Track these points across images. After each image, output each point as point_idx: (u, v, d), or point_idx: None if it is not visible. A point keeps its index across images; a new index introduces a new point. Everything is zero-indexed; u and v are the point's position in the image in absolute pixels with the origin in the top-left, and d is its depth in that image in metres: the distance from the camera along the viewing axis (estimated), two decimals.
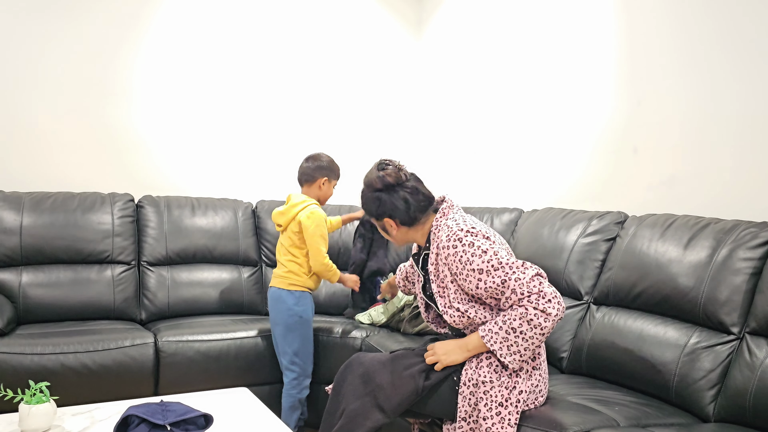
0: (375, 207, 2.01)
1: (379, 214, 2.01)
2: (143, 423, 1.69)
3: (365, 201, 2.04)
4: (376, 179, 2.00)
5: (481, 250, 1.82)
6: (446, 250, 1.88)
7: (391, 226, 2.01)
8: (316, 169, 2.78)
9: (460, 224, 1.89)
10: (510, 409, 1.79)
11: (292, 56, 3.88)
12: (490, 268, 1.79)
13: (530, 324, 1.73)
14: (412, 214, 1.98)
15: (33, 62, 3.26)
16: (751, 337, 1.88)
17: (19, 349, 2.46)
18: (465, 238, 1.85)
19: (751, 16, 2.27)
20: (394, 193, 1.99)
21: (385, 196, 1.99)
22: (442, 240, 1.90)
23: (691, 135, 2.49)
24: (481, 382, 1.81)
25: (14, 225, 2.95)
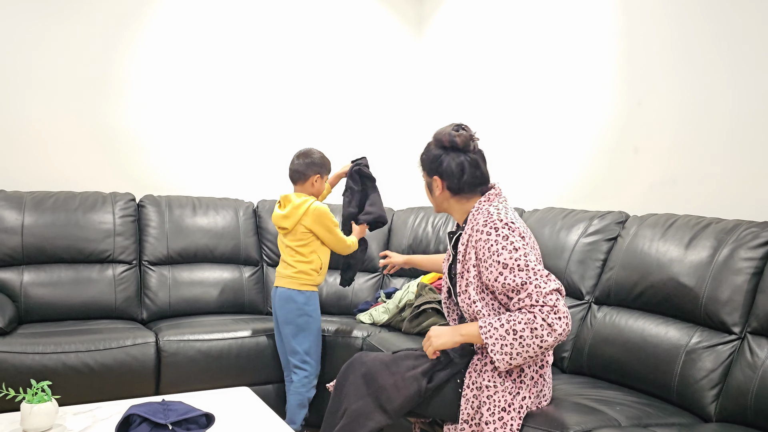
0: (431, 162, 1.99)
1: (432, 170, 1.99)
2: (145, 422, 1.69)
3: (425, 153, 2.02)
4: (445, 136, 1.97)
5: (513, 246, 1.80)
6: (479, 234, 1.85)
7: (437, 187, 1.99)
8: (308, 166, 2.73)
9: (501, 215, 1.87)
10: (513, 414, 1.78)
11: (293, 55, 3.88)
12: (515, 267, 1.77)
13: (533, 332, 1.71)
14: (461, 184, 1.95)
15: (34, 62, 3.26)
16: (752, 336, 1.88)
17: (21, 349, 2.46)
18: (501, 229, 1.83)
19: (752, 15, 2.27)
20: (456, 156, 1.96)
21: (445, 156, 1.96)
22: (479, 223, 1.87)
23: (692, 135, 2.49)
24: (484, 386, 1.80)
25: (16, 224, 2.96)
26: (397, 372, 1.88)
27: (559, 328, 1.70)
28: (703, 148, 2.45)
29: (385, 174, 4.17)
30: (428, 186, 2.04)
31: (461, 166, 1.95)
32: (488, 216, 1.87)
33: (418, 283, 3.02)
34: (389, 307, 3.04)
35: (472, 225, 1.90)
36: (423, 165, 2.04)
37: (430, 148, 2.01)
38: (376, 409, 1.85)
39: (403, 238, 3.48)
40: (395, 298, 3.06)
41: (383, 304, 3.10)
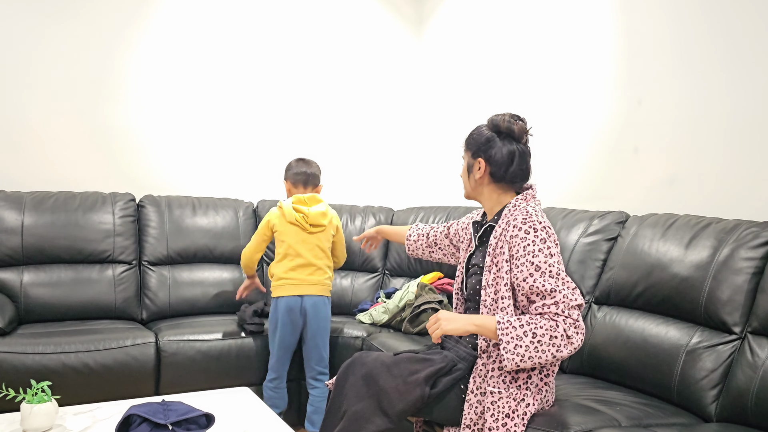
0: (482, 143, 1.94)
1: (479, 150, 1.94)
2: (145, 422, 1.69)
3: (476, 133, 1.97)
4: (503, 121, 1.94)
5: (549, 251, 1.79)
6: (516, 230, 1.83)
7: (479, 169, 1.94)
8: (319, 173, 2.89)
9: (539, 217, 1.86)
10: (516, 420, 1.77)
11: (293, 55, 3.88)
12: (547, 272, 1.76)
13: (551, 340, 1.70)
14: (506, 173, 1.93)
15: (35, 63, 3.26)
16: (752, 336, 1.88)
17: (21, 349, 2.46)
18: (540, 232, 1.81)
19: (751, 14, 2.27)
20: (508, 143, 1.93)
21: (498, 140, 1.93)
22: (517, 220, 1.85)
23: (692, 134, 2.49)
24: (489, 391, 1.79)
25: (16, 225, 2.96)
26: (399, 375, 1.85)
27: (576, 342, 1.72)
28: (703, 148, 2.45)
29: (385, 174, 4.17)
30: (468, 167, 1.99)
31: (512, 155, 1.93)
32: (527, 215, 1.85)
33: (418, 283, 3.02)
34: (389, 307, 3.04)
35: (507, 220, 1.88)
36: (469, 144, 1.99)
37: (483, 130, 1.97)
38: (377, 412, 1.83)
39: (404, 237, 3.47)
40: (395, 298, 3.06)
41: (383, 304, 3.10)
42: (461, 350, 1.97)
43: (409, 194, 4.21)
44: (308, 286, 2.71)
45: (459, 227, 2.24)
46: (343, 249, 2.93)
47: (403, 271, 3.45)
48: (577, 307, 1.74)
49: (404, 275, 3.44)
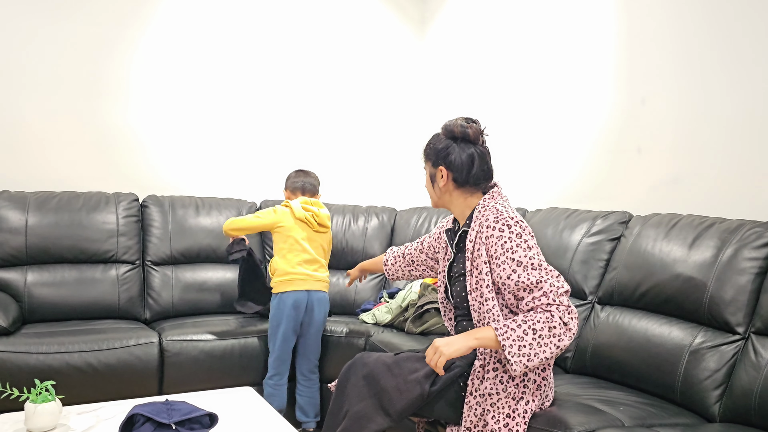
0: (439, 151, 1.96)
1: (438, 159, 1.96)
2: (148, 422, 1.69)
3: (433, 142, 1.99)
4: (456, 126, 1.95)
5: (526, 244, 1.80)
6: (491, 231, 1.84)
7: (442, 177, 1.95)
8: (318, 184, 2.98)
9: (510, 213, 1.87)
10: (517, 419, 1.77)
11: (295, 55, 3.88)
12: (529, 265, 1.76)
13: (551, 331, 1.69)
14: (468, 177, 1.94)
15: (38, 63, 3.27)
16: (756, 337, 1.88)
17: (25, 348, 2.47)
18: (514, 227, 1.82)
19: (754, 12, 2.27)
20: (465, 147, 1.94)
21: (455, 146, 1.94)
22: (489, 220, 1.86)
23: (695, 134, 2.49)
24: (488, 393, 1.80)
25: (19, 224, 2.96)
26: (400, 374, 1.85)
27: (574, 327, 1.71)
28: (706, 148, 2.45)
29: (387, 174, 4.17)
30: (431, 177, 2.01)
31: (471, 158, 1.94)
32: (498, 213, 1.86)
33: (421, 283, 3.02)
34: (392, 307, 3.04)
35: (479, 221, 1.89)
36: (428, 154, 2.00)
37: (439, 138, 1.98)
38: (378, 412, 1.83)
39: (406, 238, 3.47)
40: (398, 298, 3.06)
41: (386, 304, 3.10)
42: None
43: (412, 194, 4.21)
44: (315, 282, 2.78)
45: (432, 239, 2.26)
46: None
47: None
48: (565, 293, 1.75)
49: None
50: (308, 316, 2.76)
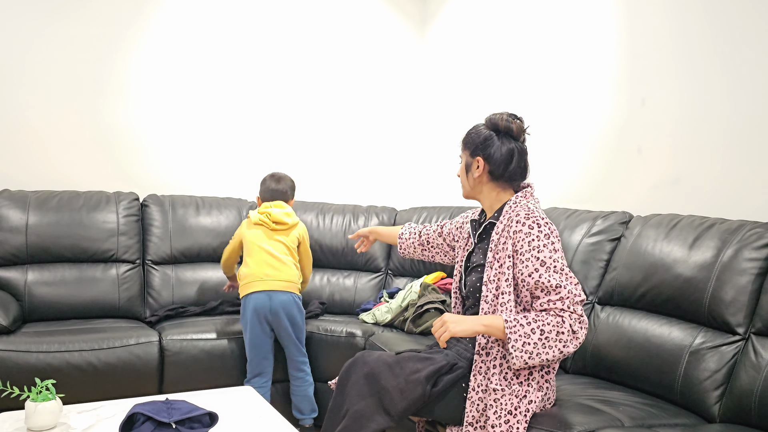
0: (480, 142, 1.94)
1: (477, 149, 1.94)
2: (148, 421, 1.69)
3: (474, 132, 1.97)
4: (501, 120, 1.94)
5: (553, 246, 1.81)
6: (520, 226, 1.84)
7: (478, 168, 1.95)
8: (291, 189, 2.95)
9: (541, 213, 1.87)
10: (519, 417, 1.77)
11: (296, 55, 3.88)
12: (552, 267, 1.77)
13: (558, 336, 1.72)
14: (505, 172, 1.93)
15: (39, 63, 3.27)
16: (756, 337, 1.88)
17: (25, 347, 2.47)
18: (543, 227, 1.83)
19: (755, 13, 2.27)
20: (507, 142, 1.94)
21: (496, 139, 1.93)
22: (520, 216, 1.86)
23: (696, 134, 2.49)
24: (491, 389, 1.80)
25: (20, 224, 2.97)
26: (401, 374, 1.85)
27: (581, 337, 1.74)
28: (707, 148, 2.45)
29: (388, 173, 4.17)
30: (467, 166, 2.00)
31: (510, 153, 1.93)
32: (529, 211, 1.86)
33: (421, 283, 3.02)
34: (392, 306, 3.04)
35: (509, 216, 1.89)
36: (467, 143, 1.99)
37: (480, 129, 1.97)
38: (379, 411, 1.83)
39: None
40: (398, 298, 3.06)
41: (386, 304, 3.10)
42: (461, 349, 1.97)
43: (413, 194, 4.21)
44: (275, 282, 2.73)
45: (453, 227, 2.24)
46: (309, 265, 2.98)
47: (406, 270, 3.45)
48: (581, 302, 1.76)
49: (407, 275, 3.44)
50: (275, 319, 2.72)
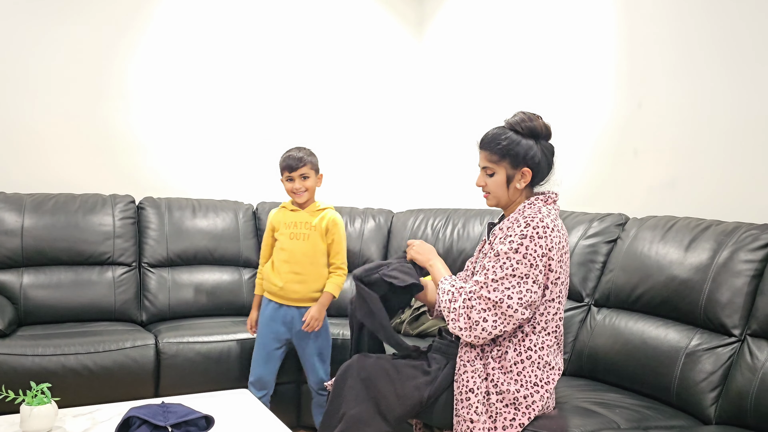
0: (523, 153, 1.85)
1: (522, 160, 1.85)
2: (144, 424, 1.69)
3: (510, 140, 1.86)
4: (539, 123, 1.87)
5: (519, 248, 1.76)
6: (515, 223, 1.82)
7: (522, 177, 1.87)
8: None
9: (546, 219, 1.81)
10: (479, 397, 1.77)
11: (292, 57, 3.88)
12: (501, 262, 1.77)
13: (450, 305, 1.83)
14: (546, 172, 1.91)
15: (36, 65, 3.26)
16: (752, 339, 1.88)
17: (20, 351, 2.46)
18: (534, 229, 1.78)
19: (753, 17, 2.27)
20: (546, 146, 1.90)
21: (536, 145, 1.86)
22: (525, 213, 1.84)
23: (692, 137, 2.49)
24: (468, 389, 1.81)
25: (15, 226, 2.96)
26: (398, 380, 1.84)
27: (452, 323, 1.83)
28: (703, 151, 2.45)
29: (385, 175, 4.17)
30: (508, 178, 1.89)
31: (552, 154, 1.92)
32: (536, 212, 1.83)
33: None
34: None
35: (516, 216, 1.87)
36: (505, 154, 1.86)
37: (514, 136, 1.87)
38: (376, 416, 1.83)
39: (403, 240, 3.48)
40: None
41: None
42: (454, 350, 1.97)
43: (409, 196, 4.21)
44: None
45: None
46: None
47: None
48: (487, 300, 1.77)
49: None
50: None
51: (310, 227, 2.63)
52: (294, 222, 2.62)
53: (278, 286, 2.59)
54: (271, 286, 2.62)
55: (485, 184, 1.94)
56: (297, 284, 2.60)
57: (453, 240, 3.21)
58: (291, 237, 2.61)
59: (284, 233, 2.62)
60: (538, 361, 1.82)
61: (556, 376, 1.84)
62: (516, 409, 1.78)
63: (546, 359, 1.83)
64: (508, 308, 1.76)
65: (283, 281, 2.59)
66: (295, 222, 2.63)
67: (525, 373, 1.80)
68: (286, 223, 2.64)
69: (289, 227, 2.62)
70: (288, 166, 2.58)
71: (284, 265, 2.60)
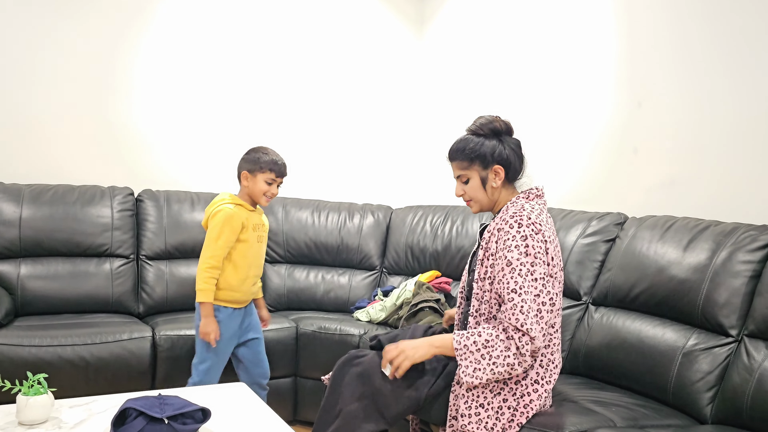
0: (489, 152, 1.88)
1: (491, 160, 1.88)
2: (141, 416, 1.68)
3: (474, 143, 1.90)
4: (498, 121, 1.90)
5: (527, 250, 1.75)
6: (504, 224, 1.81)
7: (496, 176, 1.90)
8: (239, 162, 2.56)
9: (533, 215, 1.81)
10: (490, 413, 1.77)
11: (293, 53, 3.87)
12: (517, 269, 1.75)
13: (505, 360, 1.71)
14: (517, 169, 1.92)
15: (36, 56, 3.25)
16: (749, 339, 1.89)
17: (17, 341, 2.46)
18: (525, 228, 1.78)
19: (752, 17, 2.27)
20: (509, 140, 1.92)
21: (500, 142, 1.90)
22: (508, 213, 1.84)
23: (692, 137, 2.50)
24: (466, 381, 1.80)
25: (13, 217, 2.95)
26: (396, 378, 1.84)
27: (529, 359, 1.73)
28: (702, 151, 2.46)
29: (384, 172, 4.17)
30: (482, 181, 1.92)
31: (519, 147, 1.94)
32: (521, 210, 1.83)
33: (416, 282, 3.02)
34: (386, 305, 3.04)
35: (502, 216, 1.87)
36: (474, 157, 1.90)
37: (476, 138, 1.91)
38: (373, 413, 1.82)
39: (402, 236, 3.48)
40: (392, 296, 3.06)
41: (380, 302, 3.10)
42: None
43: (408, 193, 4.21)
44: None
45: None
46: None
47: (401, 269, 3.45)
48: (537, 316, 1.72)
49: (402, 273, 3.44)
50: None
51: (264, 229, 2.59)
52: (256, 224, 2.52)
53: (241, 292, 2.48)
54: (234, 294, 2.46)
55: (464, 193, 1.97)
56: (255, 286, 2.57)
57: (451, 237, 3.21)
58: (258, 240, 2.51)
59: (252, 235, 2.48)
60: (541, 359, 1.83)
61: (555, 375, 1.85)
62: (515, 409, 1.78)
63: (549, 357, 1.84)
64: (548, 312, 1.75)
65: (247, 285, 2.49)
66: (256, 224, 2.52)
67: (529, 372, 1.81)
68: (254, 225, 2.50)
69: (256, 229, 2.51)
70: (278, 171, 2.47)
71: (251, 269, 2.49)
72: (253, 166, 2.48)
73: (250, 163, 2.49)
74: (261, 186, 2.46)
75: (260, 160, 2.47)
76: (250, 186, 2.48)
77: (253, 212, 2.53)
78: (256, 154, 2.50)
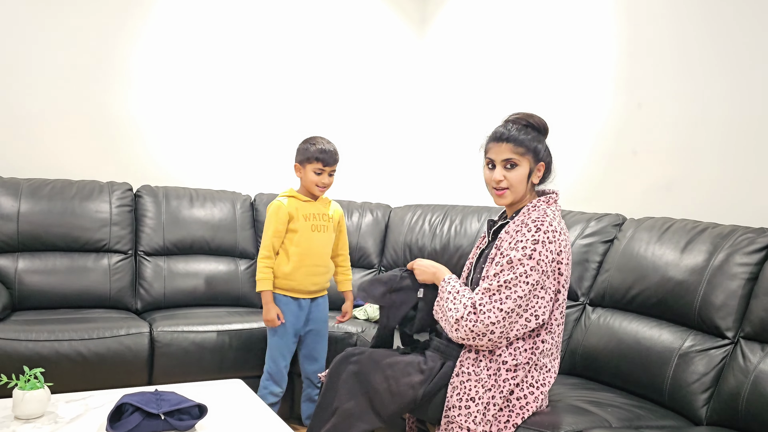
0: (544, 148, 1.90)
1: (542, 155, 1.89)
2: (137, 412, 1.69)
3: (536, 137, 1.89)
4: (544, 121, 1.91)
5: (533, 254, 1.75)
6: (523, 227, 1.80)
7: (538, 173, 1.90)
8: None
9: (554, 222, 1.81)
10: (480, 407, 1.76)
11: (294, 51, 3.87)
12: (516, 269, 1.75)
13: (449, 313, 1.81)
14: (550, 170, 1.94)
15: (34, 50, 3.25)
16: (745, 341, 1.89)
17: (14, 336, 2.46)
18: (542, 234, 1.77)
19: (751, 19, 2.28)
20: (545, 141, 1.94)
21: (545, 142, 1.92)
22: (532, 216, 1.82)
23: (690, 139, 2.50)
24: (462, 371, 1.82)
25: (12, 211, 2.95)
26: (392, 377, 1.84)
27: (458, 335, 1.80)
28: (701, 152, 2.46)
29: (385, 171, 4.17)
30: (528, 173, 1.88)
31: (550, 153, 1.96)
32: (543, 215, 1.82)
33: None
34: None
35: (522, 218, 1.85)
36: (533, 149, 1.87)
37: (536, 134, 1.90)
38: (369, 412, 1.83)
39: (400, 235, 3.48)
40: None
41: None
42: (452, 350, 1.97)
43: (408, 191, 4.21)
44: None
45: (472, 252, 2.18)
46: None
47: (400, 267, 3.44)
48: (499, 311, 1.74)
49: None
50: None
51: (328, 219, 2.60)
52: (313, 213, 2.56)
53: (297, 281, 2.54)
54: (290, 282, 2.54)
55: (503, 179, 1.88)
56: (317, 276, 2.58)
57: (450, 236, 3.21)
58: (313, 229, 2.55)
59: (305, 225, 2.54)
60: (536, 363, 1.83)
61: (552, 378, 1.85)
62: (510, 411, 1.78)
63: (543, 361, 1.84)
64: (519, 317, 1.76)
65: (303, 274, 2.54)
66: (314, 213, 2.56)
67: (523, 375, 1.81)
68: (305, 215, 2.55)
69: (308, 219, 2.55)
70: (325, 159, 2.49)
71: (305, 258, 2.54)
72: (302, 158, 2.53)
73: (299, 154, 2.55)
74: (311, 177, 2.51)
75: (307, 151, 2.51)
76: (302, 178, 2.55)
77: (309, 202, 2.57)
78: (303, 145, 2.55)
